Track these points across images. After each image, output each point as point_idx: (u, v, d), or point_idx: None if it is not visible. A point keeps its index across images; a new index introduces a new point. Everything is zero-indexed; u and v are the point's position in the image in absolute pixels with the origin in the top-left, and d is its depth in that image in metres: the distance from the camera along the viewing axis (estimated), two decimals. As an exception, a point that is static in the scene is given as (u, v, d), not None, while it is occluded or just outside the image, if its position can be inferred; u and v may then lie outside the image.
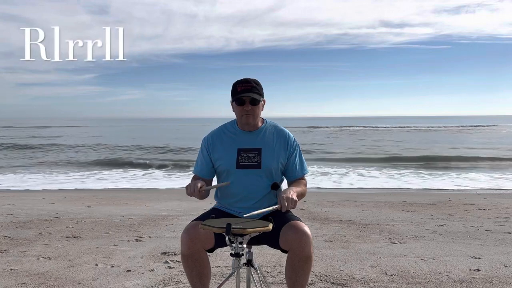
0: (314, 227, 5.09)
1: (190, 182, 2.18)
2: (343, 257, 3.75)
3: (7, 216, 5.91)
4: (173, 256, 3.77)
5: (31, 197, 8.72)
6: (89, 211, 6.58)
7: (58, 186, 11.44)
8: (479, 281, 3.08)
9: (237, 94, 2.22)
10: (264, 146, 2.30)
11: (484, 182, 11.76)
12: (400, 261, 3.60)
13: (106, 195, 9.11)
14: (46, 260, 3.66)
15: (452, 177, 12.81)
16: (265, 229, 1.93)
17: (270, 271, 3.31)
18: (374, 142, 30.40)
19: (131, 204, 7.56)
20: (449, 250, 3.98)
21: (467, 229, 5.01)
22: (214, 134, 2.39)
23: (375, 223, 5.46)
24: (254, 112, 2.26)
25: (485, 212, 6.30)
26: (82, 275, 3.24)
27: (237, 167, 2.27)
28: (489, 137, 35.10)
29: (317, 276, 3.19)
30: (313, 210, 6.61)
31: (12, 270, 3.36)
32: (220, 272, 3.29)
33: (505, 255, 3.81)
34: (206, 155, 2.36)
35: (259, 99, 2.24)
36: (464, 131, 48.57)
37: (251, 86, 2.23)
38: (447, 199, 7.92)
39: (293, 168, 2.34)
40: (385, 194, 9.30)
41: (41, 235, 4.67)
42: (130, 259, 3.71)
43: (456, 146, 25.32)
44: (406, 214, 6.18)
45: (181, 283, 3.05)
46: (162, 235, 4.71)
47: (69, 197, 8.60)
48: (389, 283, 3.06)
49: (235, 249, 1.93)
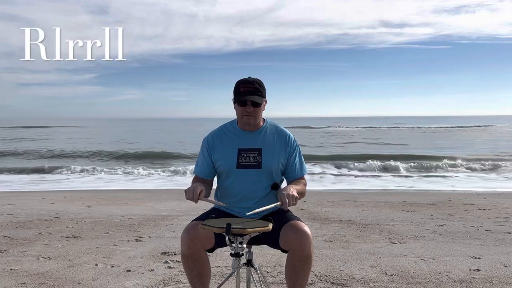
0: (314, 227, 5.09)
1: (189, 186, 2.16)
2: (343, 257, 3.75)
3: (7, 216, 5.91)
4: (173, 256, 3.77)
5: (31, 197, 8.72)
6: (89, 211, 6.58)
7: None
8: (479, 281, 3.08)
9: (239, 95, 2.22)
10: (265, 146, 2.30)
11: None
12: (400, 261, 3.60)
13: (106, 195, 9.12)
14: (46, 260, 3.67)
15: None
16: (265, 229, 1.93)
17: (270, 271, 3.31)
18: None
19: (131, 204, 7.56)
20: (449, 250, 3.98)
21: (467, 229, 5.01)
22: (214, 134, 2.39)
23: (375, 223, 5.46)
24: (256, 114, 2.26)
25: (485, 212, 6.31)
26: (82, 275, 3.24)
27: (237, 167, 2.26)
28: (466, 138, 35.20)
29: (317, 276, 3.19)
30: (313, 210, 6.61)
31: (12, 270, 3.36)
32: (220, 272, 3.29)
33: (505, 255, 3.81)
34: (207, 156, 2.35)
35: (261, 102, 2.24)
36: (452, 131, 48.85)
37: (254, 88, 2.21)
38: (447, 199, 7.92)
39: (293, 168, 2.34)
40: (385, 194, 9.31)
41: (41, 235, 4.67)
42: (130, 259, 3.71)
43: (428, 146, 26.01)
44: (406, 214, 6.18)
45: (181, 283, 3.05)
46: (162, 235, 4.71)
47: (69, 197, 8.60)
48: (389, 283, 3.06)
49: (235, 249, 1.93)
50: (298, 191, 2.17)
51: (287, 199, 2.05)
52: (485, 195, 8.89)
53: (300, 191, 2.22)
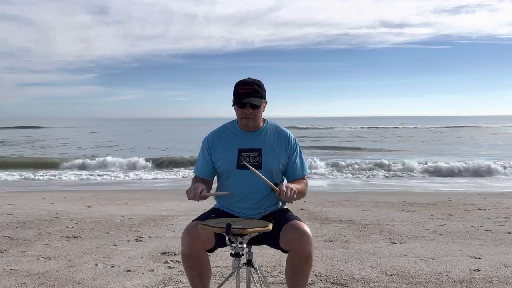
0: (314, 227, 5.09)
1: (190, 186, 2.17)
2: (343, 257, 3.75)
3: (7, 216, 5.91)
4: (173, 256, 3.77)
5: (31, 197, 8.72)
6: (89, 211, 6.58)
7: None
8: (479, 281, 3.08)
9: (238, 97, 2.21)
10: (265, 147, 2.29)
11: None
12: (400, 261, 3.60)
13: (106, 195, 9.12)
14: (46, 260, 3.66)
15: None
16: (265, 229, 1.93)
17: (270, 271, 3.31)
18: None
19: (131, 204, 7.56)
20: (449, 250, 3.98)
21: (467, 229, 5.01)
22: (215, 134, 2.38)
23: (375, 223, 5.46)
24: (255, 116, 2.25)
25: (485, 212, 6.31)
26: (82, 275, 3.24)
27: (237, 167, 2.26)
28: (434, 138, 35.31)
29: (317, 276, 3.19)
30: (313, 210, 6.61)
31: (12, 270, 3.36)
32: (220, 272, 3.29)
33: (505, 255, 3.81)
34: (207, 156, 2.35)
35: (260, 104, 2.23)
36: (438, 131, 48.88)
37: (253, 90, 2.20)
38: (447, 199, 7.92)
39: (293, 168, 2.34)
40: (385, 194, 9.31)
41: (41, 235, 4.67)
42: (130, 259, 3.71)
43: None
44: (406, 214, 6.18)
45: (181, 283, 3.05)
46: (162, 235, 4.71)
47: (69, 197, 8.60)
48: (389, 283, 3.06)
49: (235, 249, 1.93)
50: (298, 190, 2.17)
51: (284, 188, 2.07)
52: (485, 195, 8.89)
53: (300, 190, 2.22)
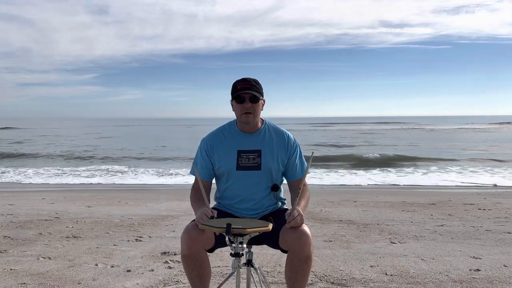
0: (314, 227, 5.09)
1: (197, 214, 2.09)
2: (343, 257, 3.75)
3: (7, 216, 5.91)
4: (173, 256, 3.77)
5: (31, 197, 8.72)
6: (89, 211, 6.58)
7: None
8: (479, 281, 3.08)
9: (236, 91, 2.22)
10: (264, 147, 2.29)
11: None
12: (400, 261, 3.60)
13: (106, 195, 9.12)
14: (46, 260, 3.66)
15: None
16: (265, 229, 1.93)
17: (270, 271, 3.31)
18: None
19: (131, 204, 7.56)
20: (449, 250, 3.98)
21: (467, 229, 5.01)
22: (213, 136, 2.37)
23: (375, 223, 5.46)
24: (254, 110, 2.24)
25: (485, 212, 6.31)
26: (82, 275, 3.24)
27: (237, 169, 2.26)
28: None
29: (317, 276, 3.19)
30: (313, 210, 6.60)
31: (12, 270, 3.36)
32: (220, 272, 3.29)
33: (505, 255, 3.81)
34: (206, 157, 2.33)
35: (259, 97, 2.24)
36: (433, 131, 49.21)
37: (251, 85, 2.22)
38: (447, 199, 7.92)
39: (293, 169, 2.33)
40: (385, 194, 9.31)
41: (41, 235, 4.67)
42: (130, 259, 3.71)
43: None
44: (406, 214, 6.18)
45: (181, 283, 3.05)
46: (162, 235, 4.71)
47: (69, 197, 8.60)
48: (389, 283, 3.06)
49: (235, 249, 1.93)
50: (304, 207, 2.18)
51: (296, 215, 2.01)
52: (485, 195, 8.89)
53: (306, 204, 2.23)
